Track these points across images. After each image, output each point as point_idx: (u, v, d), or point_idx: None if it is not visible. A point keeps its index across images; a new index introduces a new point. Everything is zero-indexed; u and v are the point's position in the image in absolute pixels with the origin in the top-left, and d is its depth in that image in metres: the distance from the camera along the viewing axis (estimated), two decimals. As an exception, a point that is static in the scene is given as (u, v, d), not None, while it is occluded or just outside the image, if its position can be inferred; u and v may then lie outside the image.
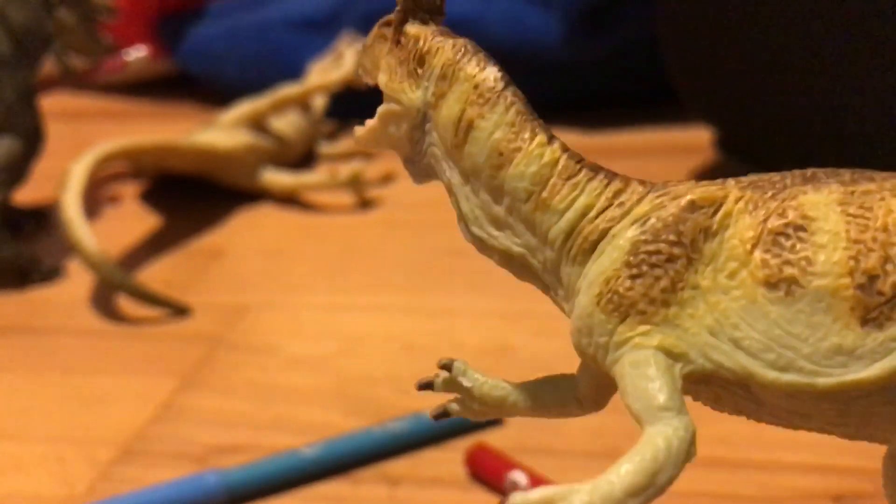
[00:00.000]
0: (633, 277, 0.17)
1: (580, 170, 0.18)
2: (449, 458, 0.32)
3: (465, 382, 0.20)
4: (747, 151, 0.50)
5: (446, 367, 0.20)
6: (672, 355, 0.16)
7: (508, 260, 0.19)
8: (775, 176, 0.17)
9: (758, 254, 0.16)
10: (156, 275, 0.47)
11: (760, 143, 0.49)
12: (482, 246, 0.19)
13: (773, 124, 0.48)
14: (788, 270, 0.16)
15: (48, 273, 0.47)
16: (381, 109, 0.19)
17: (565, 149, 0.18)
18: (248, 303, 0.44)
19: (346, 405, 0.35)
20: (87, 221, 0.43)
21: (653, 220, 0.17)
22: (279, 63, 0.68)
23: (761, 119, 0.48)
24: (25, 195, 0.55)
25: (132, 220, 0.54)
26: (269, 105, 0.55)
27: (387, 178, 0.57)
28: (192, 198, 0.56)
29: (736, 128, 0.50)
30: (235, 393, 0.36)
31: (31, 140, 0.47)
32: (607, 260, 0.17)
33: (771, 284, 0.16)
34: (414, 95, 0.19)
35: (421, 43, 0.19)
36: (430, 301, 0.43)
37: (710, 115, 0.51)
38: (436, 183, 0.60)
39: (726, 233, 0.16)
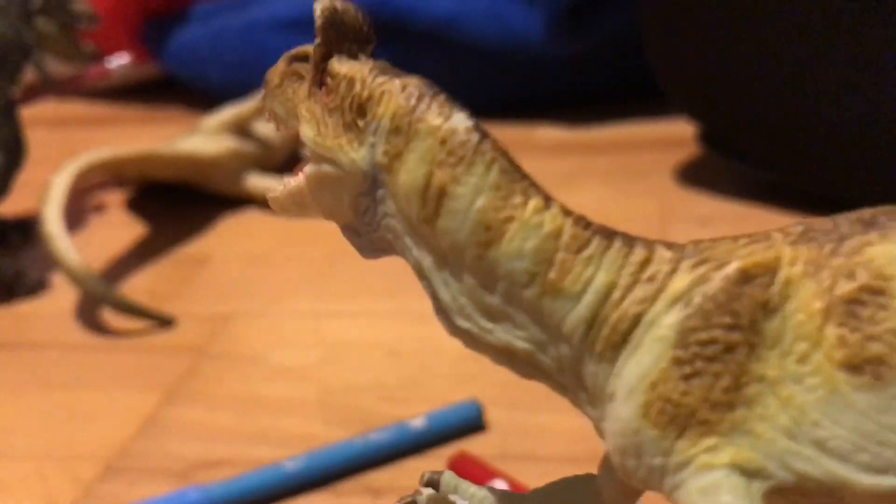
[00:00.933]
0: (686, 378, 0.13)
1: (591, 238, 0.14)
2: (431, 466, 0.31)
3: (459, 501, 0.17)
4: (731, 145, 0.50)
5: (432, 483, 0.17)
6: (747, 472, 0.13)
7: (509, 358, 0.15)
8: (827, 222, 0.14)
9: (831, 329, 0.13)
10: (141, 284, 0.46)
11: (744, 137, 0.49)
12: (472, 342, 0.15)
13: (755, 118, 0.48)
14: (873, 348, 0.13)
15: (33, 287, 0.47)
16: (309, 172, 0.15)
17: (567, 212, 0.14)
18: (232, 311, 0.43)
19: (329, 415, 0.35)
20: (70, 234, 0.43)
21: (698, 300, 0.14)
22: (264, 65, 0.66)
23: (744, 113, 0.48)
24: (9, 206, 0.55)
25: (117, 228, 0.54)
26: (253, 110, 0.55)
27: (372, 180, 0.57)
28: (176, 205, 0.56)
29: (719, 122, 0.50)
30: (219, 405, 0.36)
31: (12, 153, 0.47)
32: (648, 357, 0.14)
33: (853, 367, 0.13)
34: (357, 155, 0.15)
35: (358, 87, 0.15)
36: (414, 306, 0.43)
37: (692, 110, 0.51)
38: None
39: (789, 306, 0.13)
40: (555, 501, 0.17)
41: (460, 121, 0.14)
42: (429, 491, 0.18)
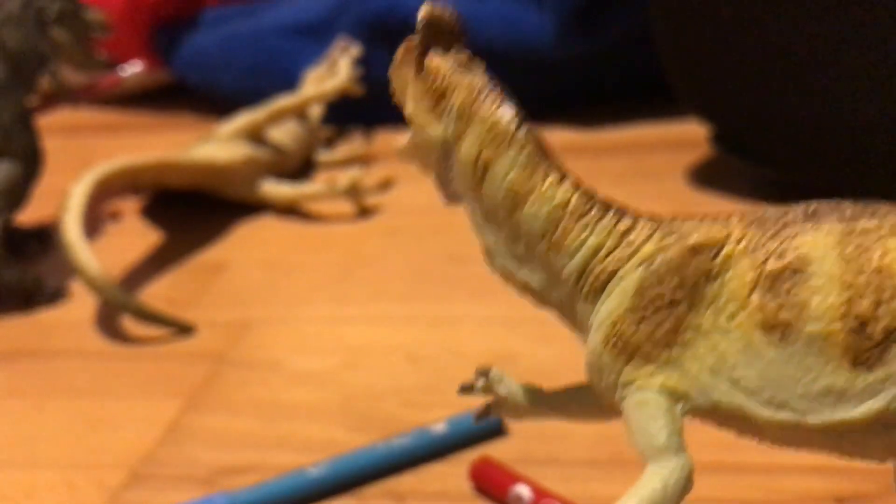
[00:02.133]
0: (637, 321, 0.17)
1: (591, 208, 0.18)
2: (454, 472, 0.32)
3: (501, 391, 0.21)
4: (743, 146, 0.50)
5: (484, 373, 0.21)
6: (674, 395, 0.17)
7: (530, 292, 0.19)
8: (779, 210, 0.17)
9: (756, 297, 0.17)
10: (158, 292, 0.47)
11: (756, 137, 0.49)
12: (507, 277, 0.20)
13: (768, 119, 0.48)
14: (784, 315, 0.16)
15: (52, 295, 0.47)
16: (410, 136, 0.20)
17: (577, 186, 0.19)
18: (251, 318, 0.44)
19: (351, 420, 0.36)
20: (89, 242, 0.44)
21: (657, 263, 0.17)
22: (275, 70, 0.68)
23: (756, 114, 0.48)
24: (27, 215, 0.55)
25: (133, 235, 0.54)
26: (267, 116, 0.56)
27: (386, 184, 0.57)
28: (192, 212, 0.56)
29: (731, 123, 0.50)
30: (240, 412, 0.37)
31: (30, 162, 0.47)
32: (614, 302, 0.18)
33: (767, 328, 0.17)
34: (436, 131, 0.19)
35: (440, 80, 0.19)
36: (432, 309, 0.43)
37: (704, 111, 0.51)
38: (435, 190, 0.60)
39: (727, 275, 0.17)
40: (573, 398, 0.21)
41: (505, 112, 0.19)
42: (482, 380, 0.21)
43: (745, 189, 0.51)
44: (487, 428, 0.33)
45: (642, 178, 0.55)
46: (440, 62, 0.19)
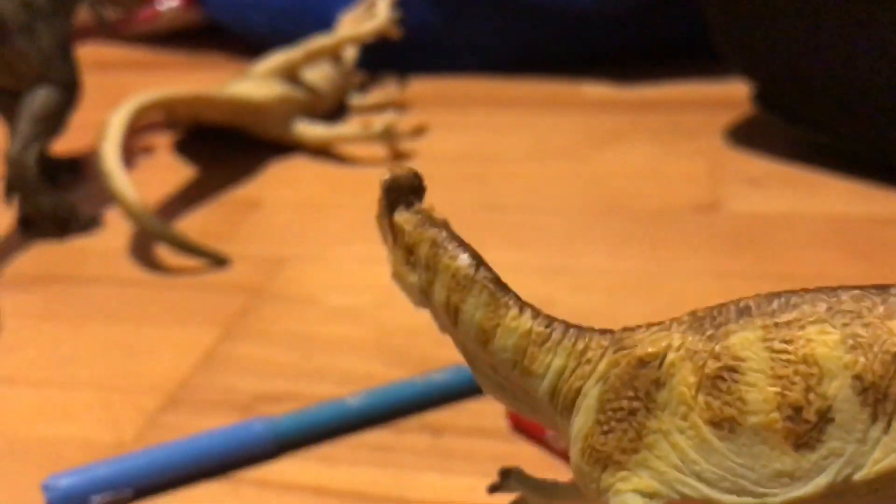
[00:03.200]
0: (604, 433, 0.19)
1: (551, 333, 0.20)
2: (491, 409, 0.32)
3: (523, 490, 0.23)
4: (786, 106, 0.50)
5: (506, 474, 0.23)
6: (647, 494, 0.19)
7: (524, 412, 0.21)
8: (715, 309, 0.19)
9: (701, 397, 0.18)
10: (192, 225, 0.47)
11: (799, 98, 0.49)
12: (502, 402, 0.21)
13: (812, 80, 0.47)
14: (728, 411, 0.18)
15: (87, 223, 0.47)
16: (398, 282, 0.21)
17: (535, 315, 0.20)
18: (285, 254, 0.44)
19: (387, 356, 0.36)
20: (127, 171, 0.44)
21: (612, 378, 0.19)
22: (309, 13, 0.67)
23: (800, 74, 0.48)
24: (60, 146, 0.55)
25: (166, 170, 0.54)
26: (303, 56, 0.55)
27: (419, 131, 0.57)
28: (224, 149, 0.56)
29: (775, 82, 0.50)
30: (277, 343, 0.37)
31: (69, 90, 0.47)
32: (583, 418, 0.20)
33: (715, 424, 0.18)
34: (413, 280, 0.21)
35: (407, 237, 0.21)
36: (466, 254, 0.43)
37: (748, 69, 0.51)
38: (469, 137, 0.60)
39: (673, 380, 0.19)
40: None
41: (464, 260, 0.20)
42: (506, 482, 0.23)
43: (781, 150, 0.51)
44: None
45: (679, 135, 0.55)
46: (404, 220, 0.21)
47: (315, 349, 0.36)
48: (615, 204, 0.47)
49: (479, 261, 0.20)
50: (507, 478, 0.23)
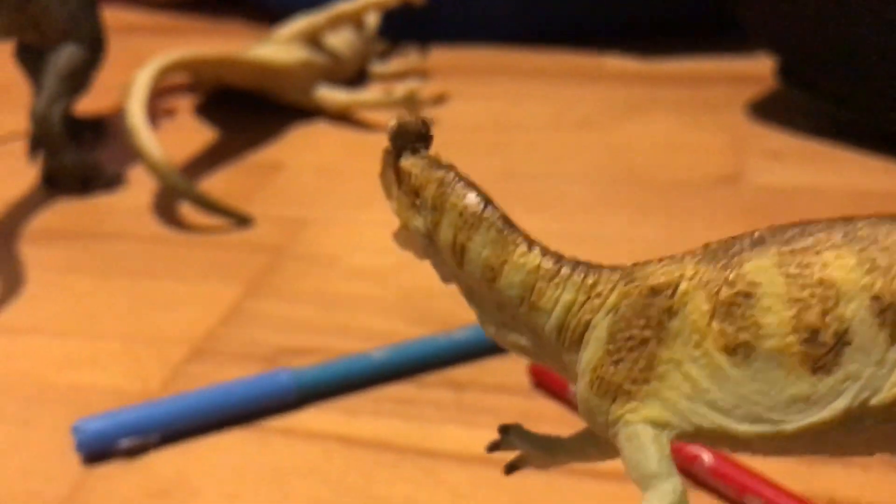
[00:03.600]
0: (615, 364, 0.19)
1: (560, 269, 0.20)
2: (512, 367, 0.32)
3: (524, 447, 0.22)
4: (809, 81, 0.50)
5: (505, 430, 0.23)
6: (658, 424, 0.19)
7: (527, 354, 0.21)
8: (730, 242, 0.19)
9: (715, 324, 0.18)
10: (214, 186, 0.47)
11: (823, 72, 0.49)
12: (503, 343, 0.21)
13: (837, 54, 0.47)
14: (742, 336, 0.18)
15: (110, 180, 0.47)
16: (399, 230, 0.22)
17: (545, 252, 0.20)
18: (306, 216, 0.44)
19: (409, 314, 0.36)
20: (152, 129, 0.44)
21: (623, 309, 0.19)
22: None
23: (825, 49, 0.48)
24: (82, 106, 0.56)
25: (188, 133, 0.54)
26: (326, 21, 0.55)
27: (441, 99, 0.57)
28: (245, 113, 0.56)
29: (799, 57, 0.50)
30: (300, 299, 0.37)
31: (94, 48, 0.47)
32: (592, 349, 0.19)
33: (730, 350, 0.18)
34: (418, 223, 0.21)
35: (413, 179, 0.21)
36: (487, 219, 0.44)
37: (772, 43, 0.51)
38: (491, 106, 0.60)
39: (686, 308, 0.18)
40: (584, 443, 0.22)
41: (472, 198, 0.20)
42: (506, 437, 0.23)
43: (803, 125, 0.51)
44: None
45: (700, 108, 0.55)
46: (411, 164, 0.21)
47: (337, 306, 0.37)
48: (637, 174, 0.47)
49: (487, 199, 0.20)
50: (507, 434, 0.23)
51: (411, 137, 0.21)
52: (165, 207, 0.45)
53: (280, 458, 0.29)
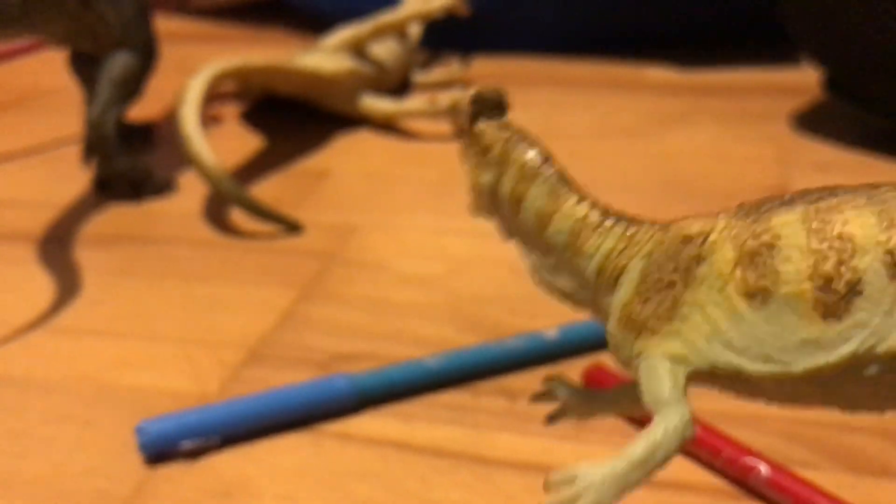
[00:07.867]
0: (643, 302, 0.21)
1: (604, 220, 0.22)
2: (567, 376, 0.33)
3: (565, 397, 0.25)
4: (855, 92, 0.50)
5: (549, 380, 0.25)
6: (676, 359, 0.20)
7: (567, 297, 0.23)
8: (762, 201, 0.20)
9: (738, 272, 0.20)
10: (262, 193, 0.48)
11: (870, 84, 0.49)
12: (549, 288, 0.23)
13: (885, 66, 0.47)
14: (762, 282, 0.19)
15: (162, 186, 0.48)
16: (470, 195, 0.24)
17: (593, 205, 0.22)
18: (355, 223, 0.45)
19: (460, 322, 0.36)
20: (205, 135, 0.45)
21: (656, 255, 0.21)
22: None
23: (873, 60, 0.48)
24: (132, 113, 0.56)
25: (235, 140, 0.55)
26: (371, 31, 0.56)
27: (484, 108, 0.57)
28: (291, 121, 0.57)
29: (846, 68, 0.50)
30: (353, 306, 0.38)
31: (147, 55, 0.48)
32: (624, 290, 0.21)
33: (749, 295, 0.19)
34: (484, 178, 0.23)
35: (485, 139, 0.23)
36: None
37: (819, 54, 0.51)
38: (533, 115, 0.60)
39: (713, 256, 0.20)
40: (622, 395, 0.24)
41: (533, 154, 0.22)
42: (549, 388, 0.25)
43: (849, 136, 0.51)
44: (598, 338, 0.34)
45: (744, 119, 0.55)
46: (485, 127, 0.23)
47: (389, 313, 0.37)
48: (681, 183, 0.47)
49: (546, 156, 0.22)
50: (551, 383, 0.25)
51: (489, 104, 0.23)
52: (216, 213, 0.46)
53: (337, 462, 0.29)
